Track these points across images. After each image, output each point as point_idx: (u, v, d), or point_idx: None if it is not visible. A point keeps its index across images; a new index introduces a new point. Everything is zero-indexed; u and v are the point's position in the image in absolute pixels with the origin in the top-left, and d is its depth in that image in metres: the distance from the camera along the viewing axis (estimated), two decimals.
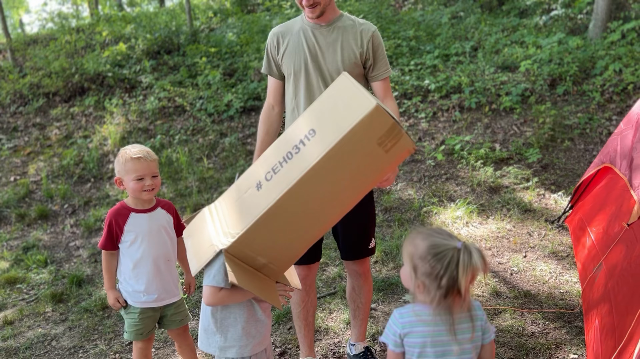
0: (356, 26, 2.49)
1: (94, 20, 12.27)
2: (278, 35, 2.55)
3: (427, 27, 8.99)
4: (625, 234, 2.92)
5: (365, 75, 2.57)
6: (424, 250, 1.59)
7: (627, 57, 6.95)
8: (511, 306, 3.27)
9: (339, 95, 1.92)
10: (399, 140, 1.87)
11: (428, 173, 5.48)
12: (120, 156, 2.46)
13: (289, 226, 1.92)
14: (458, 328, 1.63)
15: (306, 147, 1.87)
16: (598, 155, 3.98)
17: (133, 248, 2.48)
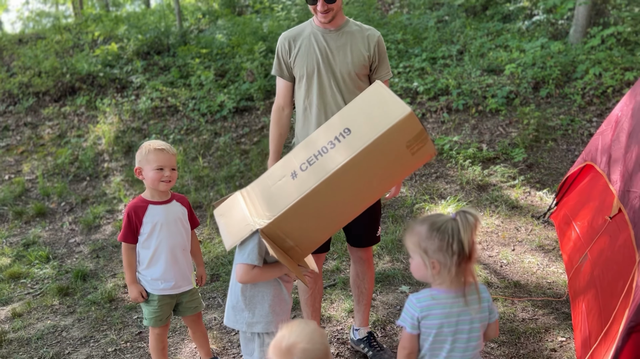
0: (363, 31, 2.70)
1: (81, 20, 12.29)
2: (289, 39, 2.71)
3: (414, 31, 9.21)
4: (608, 226, 3.13)
5: (369, 76, 2.75)
6: (426, 232, 1.76)
7: (607, 61, 7.23)
8: (502, 295, 3.47)
9: (375, 100, 2.12)
10: (424, 145, 2.08)
11: (419, 172, 5.68)
12: (142, 147, 2.61)
13: (319, 214, 2.11)
14: (471, 306, 1.80)
15: (341, 143, 2.06)
16: (581, 154, 4.21)
17: (152, 237, 2.61)
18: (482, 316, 1.84)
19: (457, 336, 1.81)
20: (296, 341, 1.50)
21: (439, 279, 1.79)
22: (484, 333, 1.90)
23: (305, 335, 1.51)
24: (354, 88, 2.68)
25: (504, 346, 2.94)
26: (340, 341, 3.13)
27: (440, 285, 1.80)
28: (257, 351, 2.20)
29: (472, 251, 1.75)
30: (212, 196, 5.62)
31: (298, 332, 1.52)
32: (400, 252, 4.22)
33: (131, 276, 2.67)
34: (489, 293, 1.92)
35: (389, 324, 3.28)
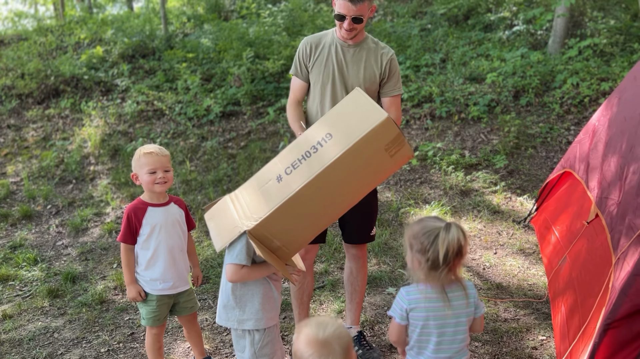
0: (378, 49, 2.89)
1: (64, 22, 12.22)
2: (311, 44, 2.90)
3: (398, 39, 9.38)
4: (586, 230, 3.28)
5: (378, 90, 2.93)
6: (417, 231, 1.93)
7: (584, 72, 7.47)
8: (485, 297, 3.60)
9: (354, 106, 2.25)
10: (401, 148, 2.21)
11: (404, 177, 5.81)
12: (135, 154, 2.69)
13: (304, 215, 2.22)
14: (454, 304, 1.93)
15: (323, 147, 2.17)
16: (560, 161, 4.38)
17: (151, 238, 2.68)
18: (468, 311, 1.96)
19: (443, 329, 1.93)
20: (329, 332, 1.57)
21: (417, 275, 1.94)
22: (471, 327, 2.02)
23: (332, 325, 1.60)
24: None
25: (487, 345, 3.07)
26: None
27: (425, 281, 1.93)
28: (248, 348, 2.30)
29: (455, 260, 1.88)
30: (200, 200, 5.67)
31: (325, 324, 1.60)
32: (386, 255, 4.34)
33: (130, 276, 2.73)
34: None
35: (377, 324, 3.38)
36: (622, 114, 3.60)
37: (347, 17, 2.70)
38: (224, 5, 11.67)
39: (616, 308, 2.15)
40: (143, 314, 2.78)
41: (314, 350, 1.55)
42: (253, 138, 6.94)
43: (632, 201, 2.69)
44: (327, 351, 1.53)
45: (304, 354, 1.56)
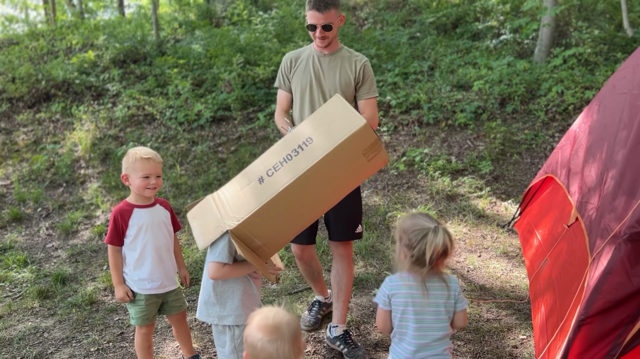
0: (352, 57, 3.12)
1: (56, 26, 12.25)
2: (292, 58, 3.18)
3: (387, 47, 9.51)
4: (566, 233, 3.39)
5: (354, 94, 3.13)
6: (408, 227, 2.05)
7: (568, 80, 7.62)
8: (469, 298, 3.69)
9: (334, 112, 2.36)
10: (378, 153, 2.33)
11: (391, 182, 5.91)
12: (129, 155, 2.73)
13: (285, 216, 2.31)
14: (431, 293, 2.05)
15: (304, 151, 2.26)
16: (543, 167, 4.49)
17: (138, 239, 2.74)
18: (448, 303, 2.08)
19: (422, 316, 2.06)
20: (279, 318, 1.67)
21: (401, 266, 2.08)
22: (453, 321, 2.13)
23: (284, 313, 1.70)
24: None
25: (469, 343, 3.15)
26: (317, 340, 3.30)
27: (408, 272, 2.04)
28: (229, 343, 2.39)
29: (438, 260, 2.01)
30: (189, 204, 5.72)
31: (276, 311, 1.70)
32: (373, 258, 4.42)
33: (118, 277, 2.77)
34: None
35: (362, 324, 3.46)
36: (602, 121, 3.72)
37: (318, 25, 2.95)
38: (215, 11, 11.75)
39: (589, 305, 2.24)
40: (132, 314, 2.83)
41: (263, 334, 1.63)
42: (243, 142, 7.01)
43: (609, 205, 2.78)
44: (277, 335, 1.62)
45: (255, 339, 1.64)
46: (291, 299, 3.82)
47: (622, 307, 2.20)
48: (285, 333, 1.63)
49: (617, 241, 2.27)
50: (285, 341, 1.62)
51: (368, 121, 2.85)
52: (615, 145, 3.24)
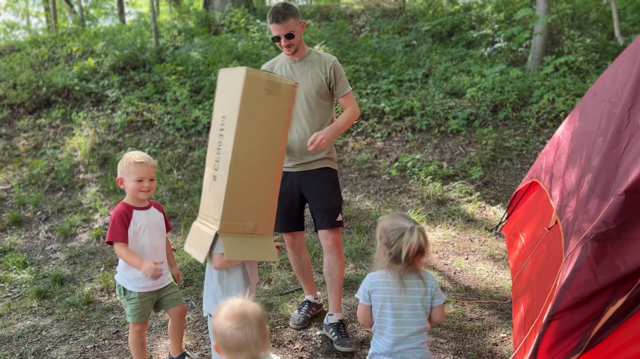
0: (321, 58, 3.35)
1: (56, 33, 12.41)
2: (268, 68, 3.41)
3: (383, 54, 9.66)
4: (546, 236, 3.51)
5: (332, 93, 3.36)
6: (387, 226, 2.18)
7: (560, 87, 7.76)
8: (454, 298, 3.81)
9: (225, 85, 2.55)
10: (280, 84, 2.50)
11: (383, 187, 6.03)
12: (124, 159, 2.86)
13: (249, 189, 2.49)
14: (409, 289, 2.17)
15: (225, 130, 2.46)
16: (528, 172, 4.62)
17: (136, 240, 2.85)
18: (425, 298, 2.19)
19: (399, 311, 2.18)
20: (245, 306, 1.80)
21: (381, 264, 2.20)
22: (430, 316, 2.25)
23: (248, 302, 1.83)
24: (315, 105, 3.31)
25: (451, 341, 3.26)
26: (305, 338, 3.41)
27: (387, 269, 2.16)
28: None
29: (414, 258, 2.14)
30: (186, 207, 5.85)
31: (242, 301, 1.83)
32: (364, 260, 4.54)
33: (137, 259, 2.74)
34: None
35: (350, 323, 3.57)
36: (583, 128, 3.85)
37: (281, 36, 3.19)
38: (214, 19, 11.92)
39: (559, 301, 2.36)
40: (128, 311, 2.94)
41: (232, 322, 1.75)
42: None
43: (583, 208, 2.91)
44: (244, 322, 1.75)
45: (224, 328, 1.76)
46: (282, 300, 3.93)
47: (589, 303, 2.31)
48: (252, 320, 1.76)
49: (585, 241, 2.39)
50: (253, 327, 1.76)
51: (352, 113, 3.31)
52: (593, 151, 3.37)
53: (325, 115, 3.35)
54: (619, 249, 2.31)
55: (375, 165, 6.53)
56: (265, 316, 1.83)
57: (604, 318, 2.27)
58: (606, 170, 2.90)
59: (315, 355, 3.21)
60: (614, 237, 2.33)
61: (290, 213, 3.43)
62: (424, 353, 2.22)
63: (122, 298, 2.94)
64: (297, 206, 3.45)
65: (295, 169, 3.37)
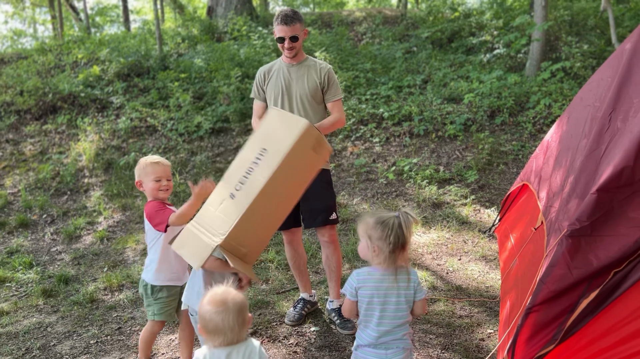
0: (317, 65, 3.58)
1: (63, 41, 12.64)
2: (265, 72, 3.63)
3: (382, 61, 9.81)
4: (533, 236, 3.63)
5: (323, 98, 3.57)
6: (373, 223, 2.27)
7: (557, 93, 7.88)
8: (445, 297, 3.93)
9: (276, 122, 2.72)
10: (323, 144, 2.69)
11: (380, 190, 6.17)
12: (140, 163, 2.97)
13: (261, 221, 2.61)
14: (400, 284, 2.27)
15: (262, 161, 2.56)
16: (520, 175, 4.74)
17: (162, 237, 2.92)
18: (408, 293, 2.31)
19: (385, 306, 2.28)
20: (226, 294, 1.96)
21: (376, 260, 2.29)
22: (412, 309, 2.36)
23: (231, 290, 1.99)
24: (310, 107, 3.52)
25: (440, 337, 3.39)
26: (299, 334, 3.54)
27: (377, 265, 2.28)
28: None
29: (406, 243, 2.24)
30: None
31: (224, 289, 2.00)
32: (359, 261, 4.66)
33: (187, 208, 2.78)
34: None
35: None
36: (569, 131, 3.98)
37: (286, 37, 3.40)
38: (217, 27, 12.11)
39: (536, 295, 2.48)
40: (155, 310, 2.99)
41: (211, 306, 1.92)
42: None
43: (564, 208, 3.04)
44: (223, 307, 1.91)
45: (204, 311, 1.93)
46: (279, 298, 4.06)
47: (564, 297, 2.43)
48: (230, 306, 1.92)
49: (561, 238, 2.52)
50: (230, 313, 1.91)
51: (337, 119, 3.51)
52: (577, 153, 3.50)
53: (319, 117, 3.54)
54: (592, 245, 2.43)
55: (373, 169, 6.66)
56: (245, 304, 1.97)
57: (578, 310, 2.39)
58: (587, 171, 3.03)
59: (308, 350, 3.34)
60: (587, 234, 2.45)
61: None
62: (405, 343, 2.34)
63: (149, 298, 3.00)
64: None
65: None
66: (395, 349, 2.31)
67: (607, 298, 2.38)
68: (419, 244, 4.95)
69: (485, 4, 13.95)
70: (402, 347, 2.33)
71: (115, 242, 5.48)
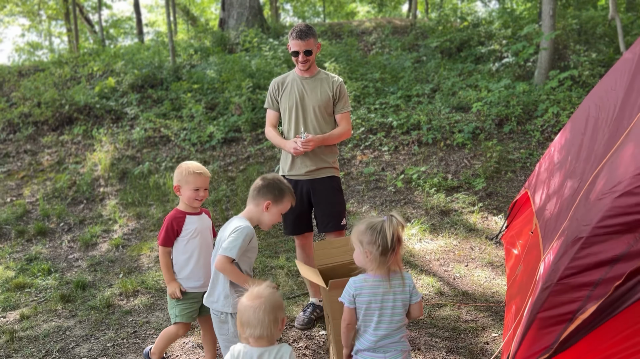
0: (329, 78, 3.78)
1: (78, 54, 12.94)
2: (278, 83, 3.80)
3: (392, 70, 9.94)
4: (531, 239, 3.72)
5: (334, 110, 3.74)
6: (363, 229, 2.36)
7: (565, 101, 7.95)
8: (451, 302, 4.01)
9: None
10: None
11: (389, 198, 6.27)
12: (182, 169, 3.06)
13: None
14: (395, 288, 2.36)
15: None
16: (525, 183, 4.83)
17: (190, 242, 3.06)
18: (404, 297, 2.39)
19: (382, 311, 2.37)
20: (262, 290, 2.11)
21: (370, 266, 2.37)
22: (409, 312, 2.45)
23: (266, 288, 2.13)
24: (322, 119, 3.69)
25: (446, 340, 3.47)
26: (308, 338, 3.64)
27: (371, 271, 2.36)
28: (232, 329, 2.71)
29: (397, 245, 2.33)
30: None
31: (265, 287, 2.15)
32: None
33: (170, 275, 3.05)
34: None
35: None
36: (570, 139, 4.07)
37: (300, 51, 3.57)
38: (229, 38, 12.33)
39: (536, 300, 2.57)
40: (177, 312, 3.09)
41: (247, 300, 2.09)
42: (252, 162, 7.44)
43: (564, 212, 3.12)
44: (257, 302, 2.07)
45: (241, 304, 2.11)
46: (289, 303, 4.17)
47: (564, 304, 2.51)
48: (263, 301, 2.06)
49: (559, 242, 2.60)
50: (262, 309, 2.04)
51: (344, 131, 3.71)
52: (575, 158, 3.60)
53: (330, 128, 3.72)
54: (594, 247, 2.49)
55: (382, 178, 6.76)
56: (279, 304, 2.10)
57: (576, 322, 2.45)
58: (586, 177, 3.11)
59: (317, 353, 3.44)
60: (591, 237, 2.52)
61: (301, 217, 3.77)
62: (403, 345, 2.43)
63: (172, 300, 3.10)
64: (306, 210, 3.80)
65: (306, 177, 3.72)
66: (394, 352, 2.39)
67: (607, 312, 2.44)
68: (427, 251, 5.03)
69: (494, 12, 14.06)
70: (400, 349, 2.42)
71: (130, 249, 5.63)
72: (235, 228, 2.67)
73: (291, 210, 3.05)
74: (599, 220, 2.52)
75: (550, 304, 2.57)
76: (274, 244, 5.45)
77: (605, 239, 2.42)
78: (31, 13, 25.23)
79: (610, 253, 2.39)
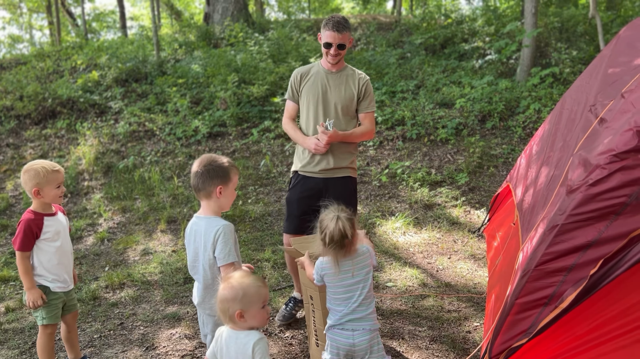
0: (355, 75, 3.58)
1: (61, 47, 12.80)
2: (301, 73, 3.61)
3: (376, 67, 10.01)
4: (512, 231, 3.82)
5: (356, 108, 3.59)
6: (321, 218, 2.60)
7: (546, 98, 8.09)
8: (434, 293, 4.10)
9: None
10: None
11: (374, 193, 6.34)
12: (38, 170, 2.90)
13: None
14: (347, 269, 2.56)
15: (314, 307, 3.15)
16: (507, 177, 4.93)
17: (52, 244, 2.96)
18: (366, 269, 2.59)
19: (343, 288, 2.57)
20: (241, 277, 2.17)
21: (325, 253, 2.59)
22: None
23: (244, 275, 2.19)
24: (343, 116, 3.52)
25: (429, 329, 3.55)
26: (294, 328, 3.70)
27: (324, 254, 2.60)
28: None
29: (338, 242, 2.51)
30: (186, 212, 6.16)
31: (245, 273, 2.22)
32: None
33: (31, 281, 2.91)
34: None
35: None
36: (547, 130, 4.19)
37: (334, 44, 3.39)
38: (214, 33, 12.29)
39: (515, 288, 2.65)
40: (43, 314, 2.98)
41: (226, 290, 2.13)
42: (237, 157, 7.46)
43: (540, 201, 3.22)
44: (220, 288, 2.16)
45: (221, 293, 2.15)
46: (275, 295, 4.22)
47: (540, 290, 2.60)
48: (220, 289, 2.15)
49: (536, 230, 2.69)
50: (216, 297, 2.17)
51: (368, 130, 3.57)
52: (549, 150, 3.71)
53: (351, 126, 3.56)
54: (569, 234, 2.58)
55: (367, 172, 6.84)
56: (235, 298, 2.08)
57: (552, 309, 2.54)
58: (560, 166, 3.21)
59: (304, 343, 3.50)
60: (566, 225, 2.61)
61: (305, 216, 3.49)
62: (371, 324, 2.58)
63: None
64: (312, 210, 3.51)
65: (321, 175, 3.55)
66: (362, 330, 2.56)
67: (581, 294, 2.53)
68: (411, 243, 5.12)
69: (478, 9, 14.20)
70: (369, 329, 2.58)
71: (116, 243, 5.63)
72: (217, 232, 2.54)
73: (297, 207, 3.12)
74: (573, 208, 2.62)
75: (528, 290, 2.66)
76: (260, 237, 5.49)
77: (578, 226, 2.52)
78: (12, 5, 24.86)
79: (583, 239, 2.49)
